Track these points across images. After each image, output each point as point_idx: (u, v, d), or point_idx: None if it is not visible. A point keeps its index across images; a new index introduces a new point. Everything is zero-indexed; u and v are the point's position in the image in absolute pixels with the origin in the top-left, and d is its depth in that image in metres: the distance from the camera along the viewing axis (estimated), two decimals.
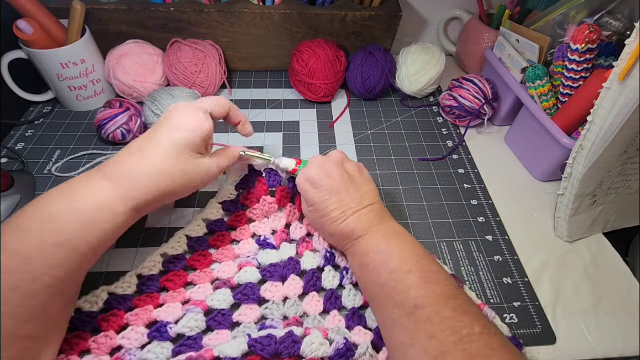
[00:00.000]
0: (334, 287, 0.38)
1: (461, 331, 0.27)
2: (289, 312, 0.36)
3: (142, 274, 0.37)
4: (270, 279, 0.38)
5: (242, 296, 0.36)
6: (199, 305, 0.35)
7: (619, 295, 0.41)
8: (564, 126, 0.46)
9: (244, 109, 0.59)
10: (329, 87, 0.58)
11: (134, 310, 0.35)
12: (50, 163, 0.49)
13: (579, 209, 0.44)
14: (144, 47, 0.56)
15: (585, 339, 0.37)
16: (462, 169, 0.53)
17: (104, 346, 0.32)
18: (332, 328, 0.33)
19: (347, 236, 0.35)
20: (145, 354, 0.32)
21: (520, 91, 0.52)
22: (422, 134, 0.58)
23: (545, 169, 0.51)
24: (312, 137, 0.56)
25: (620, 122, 0.35)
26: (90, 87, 0.55)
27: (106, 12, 0.55)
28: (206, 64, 0.56)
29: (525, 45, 0.50)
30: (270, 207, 0.42)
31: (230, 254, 0.40)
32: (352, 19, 0.59)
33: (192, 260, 0.39)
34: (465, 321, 0.28)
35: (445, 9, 0.69)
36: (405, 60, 0.60)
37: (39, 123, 0.55)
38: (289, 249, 0.41)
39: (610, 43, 0.45)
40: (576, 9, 0.48)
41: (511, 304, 0.39)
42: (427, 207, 0.47)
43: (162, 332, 0.33)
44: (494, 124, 0.60)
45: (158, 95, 0.49)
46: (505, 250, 0.44)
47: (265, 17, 0.58)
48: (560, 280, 0.41)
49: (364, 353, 0.32)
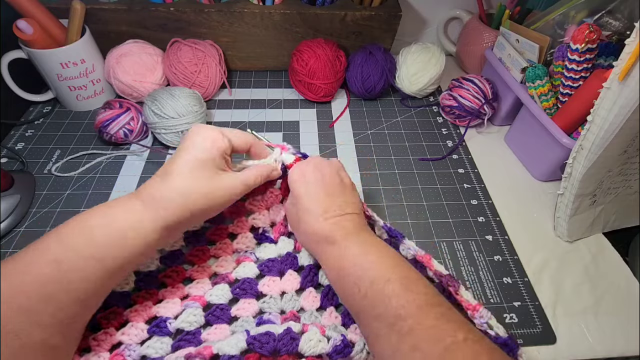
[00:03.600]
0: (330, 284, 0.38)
1: (445, 340, 0.26)
2: (286, 306, 0.36)
3: (140, 270, 0.37)
4: (268, 273, 0.38)
5: (240, 291, 0.37)
6: (198, 301, 0.35)
7: (619, 295, 0.41)
8: (564, 126, 0.46)
9: (244, 109, 0.59)
10: (329, 87, 0.58)
11: (134, 307, 0.35)
12: (50, 163, 0.49)
13: (579, 209, 0.44)
14: (144, 47, 0.56)
15: (586, 338, 0.37)
16: (462, 169, 0.53)
17: (104, 343, 0.32)
18: (330, 325, 0.34)
19: (323, 238, 0.34)
20: (145, 349, 0.32)
21: (520, 91, 0.52)
22: (422, 134, 0.58)
23: (545, 169, 0.51)
24: (312, 137, 0.56)
25: (620, 122, 0.35)
26: (90, 87, 0.55)
27: (106, 12, 0.55)
28: (206, 64, 0.56)
29: (525, 45, 0.50)
30: (275, 198, 0.42)
31: (228, 248, 0.40)
32: (352, 19, 0.59)
33: (190, 255, 0.39)
34: (449, 330, 0.27)
35: (445, 9, 0.69)
36: (405, 60, 0.60)
37: (39, 123, 0.55)
38: (288, 243, 0.41)
39: (610, 43, 0.45)
40: (576, 9, 0.48)
41: (511, 304, 0.39)
42: (427, 207, 0.47)
43: (161, 327, 0.33)
44: (494, 124, 0.60)
45: (158, 95, 0.49)
46: (505, 250, 0.44)
47: (265, 17, 0.58)
48: (561, 280, 0.41)
49: (360, 350, 0.32)
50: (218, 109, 0.59)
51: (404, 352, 0.27)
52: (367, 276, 0.31)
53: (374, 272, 0.31)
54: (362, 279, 0.31)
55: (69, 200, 0.45)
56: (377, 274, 0.31)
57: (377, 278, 0.30)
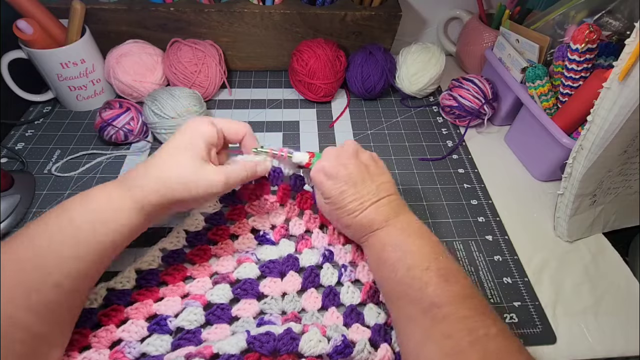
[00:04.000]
0: (332, 284, 0.38)
1: (478, 331, 0.27)
2: (287, 307, 0.36)
3: (142, 268, 0.37)
4: (269, 275, 0.38)
5: (241, 291, 0.37)
6: (199, 300, 0.35)
7: (619, 295, 0.41)
8: (564, 126, 0.46)
9: (244, 109, 0.59)
10: (329, 87, 0.58)
11: (134, 305, 0.35)
12: (50, 163, 0.49)
13: (579, 209, 0.44)
14: (144, 47, 0.56)
15: (586, 338, 0.37)
16: (462, 169, 0.53)
17: (104, 339, 0.32)
18: (331, 325, 0.34)
19: (365, 228, 0.35)
20: (145, 347, 0.32)
21: (520, 91, 0.52)
22: (422, 134, 0.58)
23: (545, 169, 0.51)
24: (312, 137, 0.56)
25: (620, 122, 0.35)
26: (90, 87, 0.55)
27: (106, 12, 0.55)
28: (206, 64, 0.56)
29: (525, 45, 0.50)
30: (271, 206, 0.42)
31: (229, 248, 0.40)
32: (352, 19, 0.59)
33: (191, 254, 0.39)
34: (482, 322, 0.27)
35: (445, 9, 0.69)
36: (405, 60, 0.60)
37: (39, 123, 0.55)
38: (288, 245, 0.41)
39: (610, 43, 0.45)
40: (576, 9, 0.48)
41: (511, 304, 0.39)
42: (427, 207, 0.47)
43: (162, 325, 0.34)
44: (494, 124, 0.60)
45: (158, 95, 0.49)
46: (505, 250, 0.44)
47: (265, 17, 0.58)
48: (561, 280, 0.41)
49: (361, 350, 0.32)
50: (218, 109, 0.59)
51: (436, 337, 0.27)
52: (405, 262, 0.31)
53: (413, 259, 0.31)
54: (400, 264, 0.31)
55: None
56: (416, 262, 0.31)
57: (415, 264, 0.31)
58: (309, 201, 0.44)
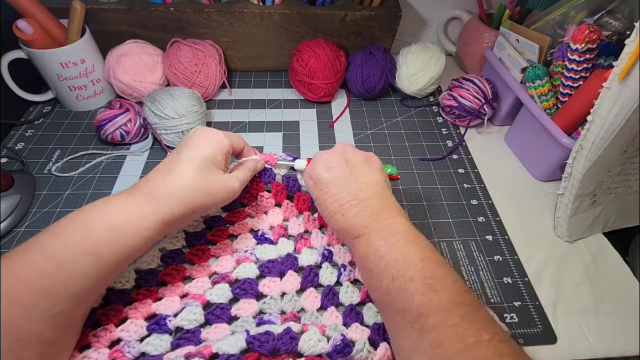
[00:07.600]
0: (331, 284, 0.38)
1: (468, 340, 0.26)
2: (286, 307, 0.36)
3: (141, 268, 0.37)
4: (268, 274, 0.38)
5: (241, 291, 0.37)
6: (198, 299, 0.35)
7: (619, 295, 0.41)
8: (564, 126, 0.46)
9: (244, 109, 0.59)
10: (329, 87, 0.58)
11: (133, 304, 0.35)
12: (50, 163, 0.49)
13: (579, 209, 0.44)
14: (144, 47, 0.56)
15: (586, 338, 0.37)
16: (462, 169, 0.53)
17: (104, 339, 0.32)
18: (330, 325, 0.34)
19: (347, 233, 0.35)
20: (144, 346, 0.32)
21: (520, 91, 0.52)
22: (422, 134, 0.58)
23: (545, 169, 0.51)
24: (312, 137, 0.56)
25: (620, 122, 0.35)
26: (90, 87, 0.55)
27: (106, 12, 0.55)
28: (206, 64, 0.56)
29: (525, 45, 0.50)
30: (267, 202, 0.43)
31: (228, 248, 0.40)
32: (352, 19, 0.59)
33: (190, 254, 0.39)
34: (472, 329, 0.27)
35: (445, 9, 0.69)
36: (405, 60, 0.60)
37: (39, 123, 0.55)
38: (287, 245, 0.41)
39: (610, 43, 0.45)
40: (576, 9, 0.48)
41: (511, 304, 0.39)
42: (427, 207, 0.47)
43: (161, 324, 0.34)
44: (494, 124, 0.60)
45: (158, 95, 0.49)
46: (505, 250, 0.44)
47: (265, 17, 0.58)
48: (561, 280, 0.41)
49: (361, 349, 0.32)
50: (218, 109, 0.59)
51: (424, 347, 0.27)
52: (390, 272, 0.31)
53: (397, 269, 0.30)
54: (385, 274, 0.31)
55: (69, 200, 0.45)
56: (401, 271, 0.30)
57: (400, 275, 0.30)
58: (307, 203, 0.44)
